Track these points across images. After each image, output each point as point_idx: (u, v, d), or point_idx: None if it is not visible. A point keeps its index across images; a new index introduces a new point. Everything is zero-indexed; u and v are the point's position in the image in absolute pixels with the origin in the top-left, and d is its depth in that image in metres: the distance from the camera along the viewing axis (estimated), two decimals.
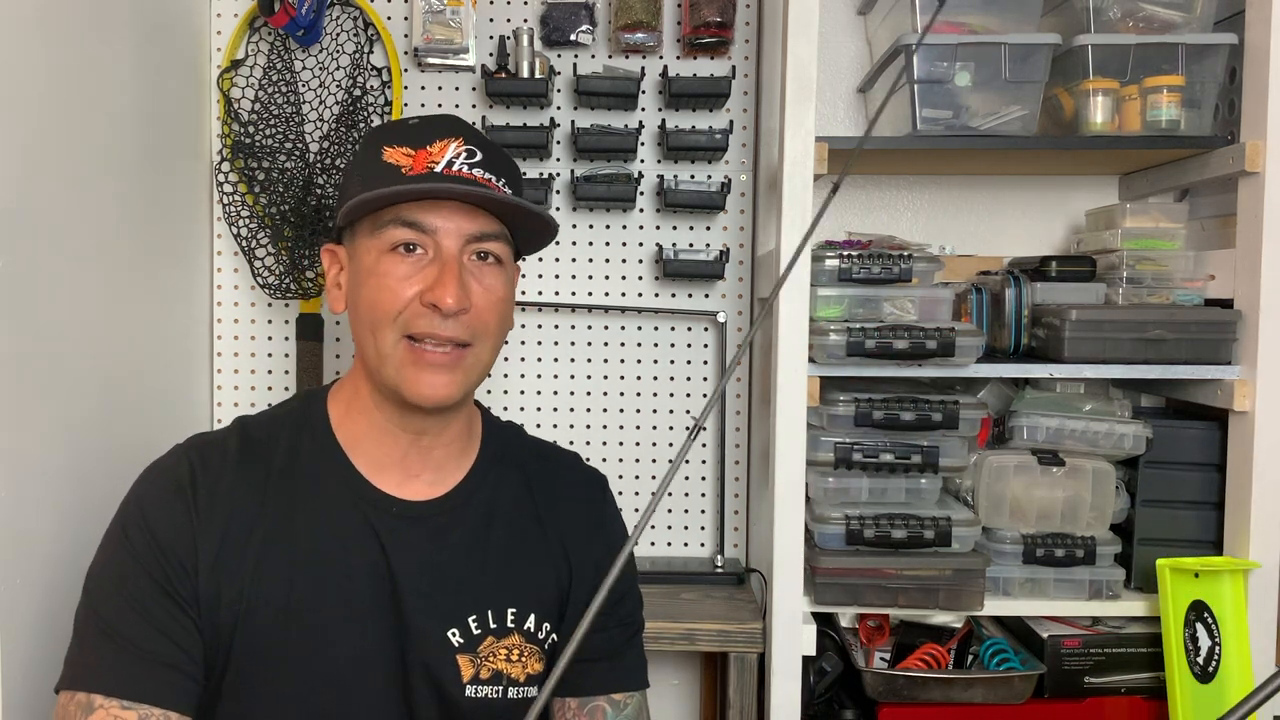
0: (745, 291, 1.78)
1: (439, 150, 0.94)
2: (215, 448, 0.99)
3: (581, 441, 1.79)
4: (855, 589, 1.44)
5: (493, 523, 1.03)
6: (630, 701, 1.08)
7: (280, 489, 0.97)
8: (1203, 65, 1.45)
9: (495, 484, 1.06)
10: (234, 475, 0.96)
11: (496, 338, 0.99)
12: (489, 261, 0.97)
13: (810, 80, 1.39)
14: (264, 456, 0.98)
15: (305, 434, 1.01)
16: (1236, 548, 1.41)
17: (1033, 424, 1.48)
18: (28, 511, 1.13)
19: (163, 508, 0.94)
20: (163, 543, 0.92)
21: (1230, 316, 1.41)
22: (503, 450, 1.09)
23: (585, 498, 1.12)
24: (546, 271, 1.77)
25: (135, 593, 0.91)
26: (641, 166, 1.76)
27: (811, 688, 1.49)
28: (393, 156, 0.95)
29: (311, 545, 0.96)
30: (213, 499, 0.95)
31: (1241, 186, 1.41)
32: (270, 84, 1.72)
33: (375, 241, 0.94)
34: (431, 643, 0.98)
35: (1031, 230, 1.79)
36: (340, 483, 0.99)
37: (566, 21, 1.71)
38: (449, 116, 1.01)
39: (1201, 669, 1.38)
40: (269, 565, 0.94)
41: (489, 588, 1.01)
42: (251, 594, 0.93)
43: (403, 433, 0.99)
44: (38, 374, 1.16)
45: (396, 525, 0.98)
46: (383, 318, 0.93)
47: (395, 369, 0.94)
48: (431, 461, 1.02)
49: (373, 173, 0.95)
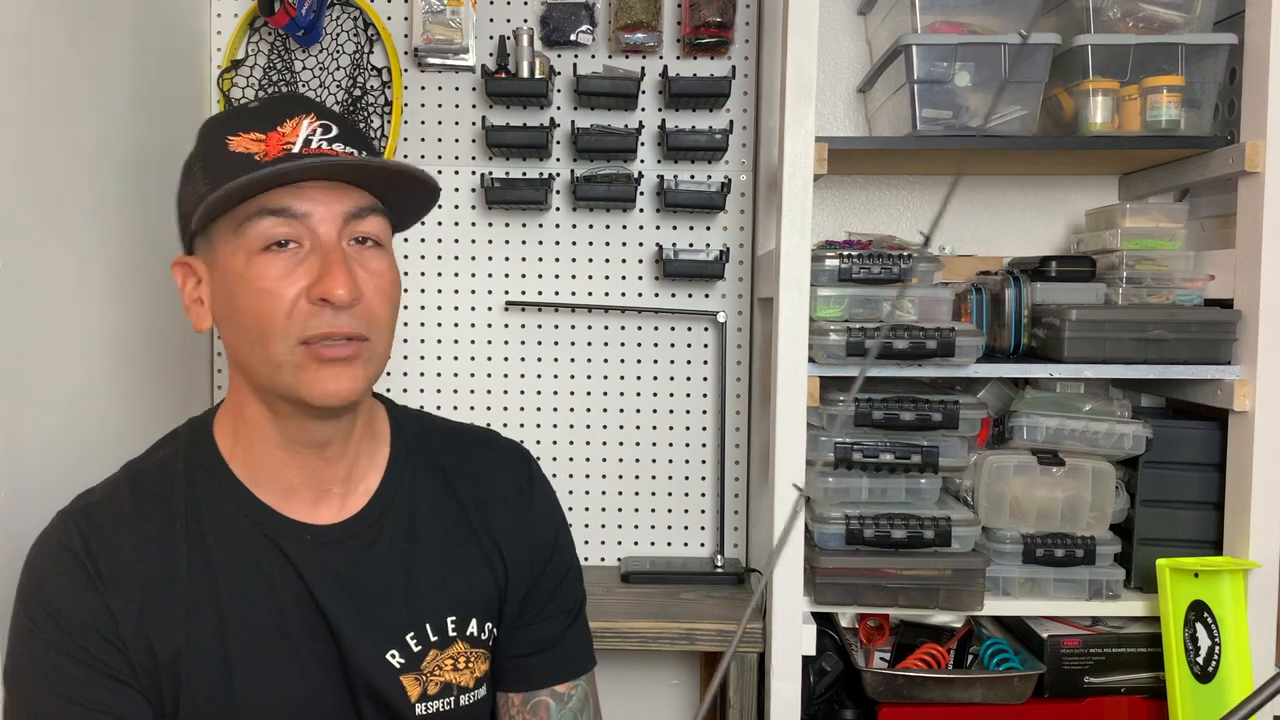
0: (745, 291, 1.78)
1: (291, 130, 0.85)
2: (105, 508, 0.90)
3: (581, 441, 1.79)
4: (855, 589, 1.44)
5: (416, 530, 0.97)
6: (575, 691, 1.05)
7: (191, 537, 0.90)
8: (1203, 65, 1.45)
9: (412, 486, 0.98)
10: (135, 534, 0.89)
11: (390, 326, 0.90)
12: (369, 245, 0.88)
13: (810, 80, 1.39)
14: (164, 507, 0.91)
15: (200, 474, 0.93)
16: (1236, 548, 1.41)
17: (1033, 424, 1.48)
18: (27, 512, 1.13)
19: (66, 588, 0.86)
20: (78, 624, 0.85)
21: (1230, 316, 1.41)
22: (414, 445, 1.01)
23: (510, 480, 1.04)
24: (546, 272, 1.77)
25: (67, 685, 0.85)
26: (641, 166, 1.76)
27: (811, 688, 1.49)
28: (241, 145, 0.85)
29: (235, 590, 0.90)
30: (117, 563, 0.87)
31: (1241, 186, 1.41)
32: (270, 84, 1.72)
33: (241, 242, 0.84)
34: (373, 668, 0.93)
35: (1031, 230, 1.79)
36: (249, 520, 0.92)
37: (566, 21, 1.71)
38: (293, 94, 0.92)
39: (1201, 669, 1.38)
40: (197, 619, 0.88)
41: (423, 601, 0.96)
42: (187, 651, 0.88)
43: (305, 449, 0.91)
44: (37, 374, 1.16)
45: (315, 554, 0.92)
46: (269, 325, 0.83)
47: (293, 374, 0.84)
48: (340, 472, 0.94)
49: (221, 166, 0.84)
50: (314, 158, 0.84)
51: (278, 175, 0.82)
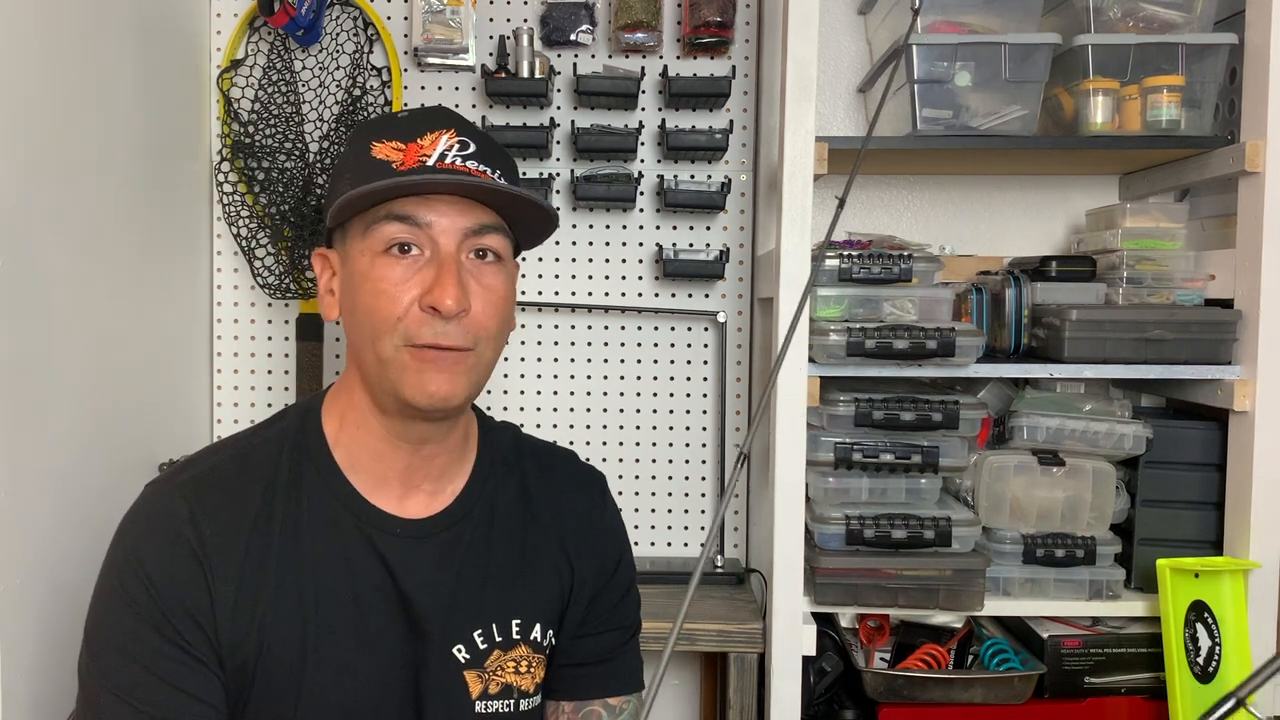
0: (745, 291, 1.78)
1: (430, 143, 0.90)
2: (211, 481, 0.93)
3: (581, 441, 1.79)
4: (855, 589, 1.44)
5: (492, 534, 1.01)
6: (626, 706, 1.07)
7: (287, 518, 0.93)
8: (1203, 65, 1.45)
9: (494, 493, 1.02)
10: (239, 508, 0.91)
11: (499, 340, 0.95)
12: (488, 260, 0.92)
13: (810, 80, 1.39)
14: (267, 486, 0.93)
15: (304, 456, 0.96)
16: (1236, 548, 1.41)
17: (1033, 424, 1.48)
18: (28, 512, 1.13)
19: (167, 561, 0.88)
20: (171, 599, 0.87)
21: (1230, 316, 1.41)
22: (499, 454, 1.05)
23: (584, 499, 1.09)
24: (546, 271, 1.77)
25: (147, 654, 0.86)
26: (641, 166, 1.76)
27: (811, 688, 1.49)
28: (382, 152, 0.90)
29: (321, 574, 0.93)
30: (219, 538, 0.89)
31: (1241, 186, 1.41)
32: (270, 84, 1.72)
33: (368, 243, 0.89)
34: (442, 662, 0.96)
35: (1031, 230, 1.79)
36: (342, 506, 0.95)
37: (566, 21, 1.71)
38: (440, 108, 0.97)
39: (1201, 669, 1.38)
40: (283, 600, 0.91)
41: (493, 601, 0.99)
42: (270, 631, 0.90)
43: (404, 443, 0.95)
44: (38, 374, 1.16)
45: (400, 546, 0.95)
46: (382, 325, 0.88)
47: (398, 373, 0.89)
48: (433, 471, 0.98)
49: (362, 169, 0.90)
50: (446, 173, 0.89)
51: (407, 185, 0.87)
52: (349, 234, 0.92)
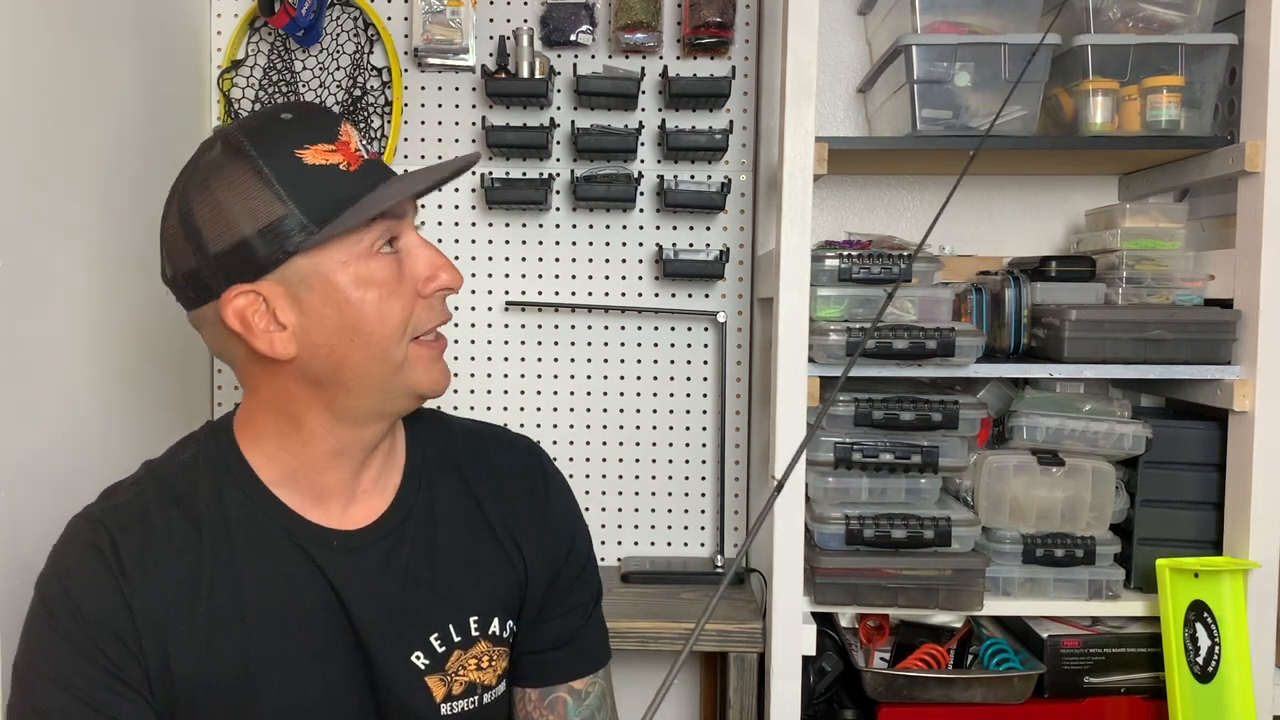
0: (745, 291, 1.78)
1: (348, 138, 0.87)
2: (131, 508, 0.90)
3: (582, 441, 1.79)
4: (855, 589, 1.44)
5: (436, 532, 0.97)
6: (593, 688, 1.05)
7: (217, 541, 0.89)
8: (1202, 65, 1.45)
9: (430, 487, 0.99)
10: (162, 536, 0.88)
11: None
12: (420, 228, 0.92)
13: (810, 80, 1.39)
14: (189, 510, 0.90)
15: (225, 478, 0.92)
16: (1236, 548, 1.41)
17: (1033, 424, 1.48)
18: (26, 512, 1.13)
19: (89, 584, 0.85)
20: (96, 623, 0.84)
21: (1230, 316, 1.41)
22: (429, 445, 1.01)
23: (524, 477, 1.04)
24: (546, 271, 1.77)
25: (80, 683, 0.84)
26: (641, 166, 1.76)
27: (811, 688, 1.49)
28: (318, 157, 0.84)
29: (260, 596, 0.90)
30: (143, 567, 0.87)
31: (1241, 186, 1.41)
32: (270, 84, 1.72)
33: (353, 250, 0.84)
34: (398, 671, 0.93)
35: (1031, 230, 1.79)
36: (276, 525, 0.91)
37: (566, 21, 1.71)
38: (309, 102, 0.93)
39: (1201, 669, 1.38)
40: (220, 627, 0.88)
41: (446, 602, 0.96)
42: (208, 662, 0.87)
43: (358, 453, 0.92)
44: (37, 374, 1.16)
45: (341, 559, 0.92)
46: (394, 330, 0.86)
47: (411, 370, 0.88)
48: (374, 472, 0.96)
49: (304, 181, 0.82)
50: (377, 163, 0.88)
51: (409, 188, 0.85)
52: (312, 252, 0.84)
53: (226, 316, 0.85)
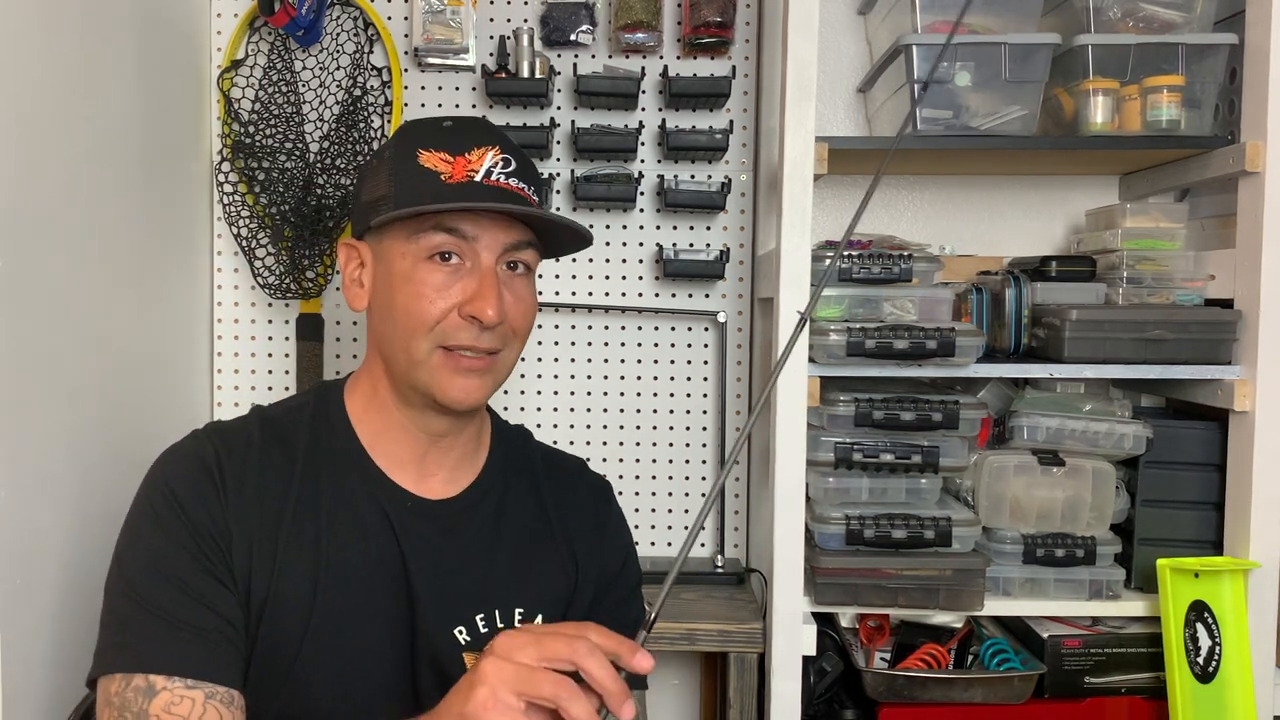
0: (745, 291, 1.78)
1: (477, 159, 0.95)
2: (237, 434, 0.99)
3: (582, 441, 1.79)
4: (855, 589, 1.44)
5: (503, 523, 1.05)
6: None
7: (305, 476, 0.98)
8: (1203, 65, 1.45)
9: (505, 485, 1.07)
10: (260, 462, 0.97)
11: (522, 343, 1.02)
12: (519, 271, 0.98)
13: (810, 80, 1.39)
14: (288, 447, 0.99)
15: (324, 426, 1.01)
16: (1236, 548, 1.41)
17: (1033, 424, 1.48)
18: (29, 513, 1.13)
19: (193, 488, 0.93)
20: (196, 521, 0.92)
21: (1230, 316, 1.41)
22: (511, 453, 1.10)
23: (591, 503, 1.13)
24: (547, 271, 1.77)
25: (177, 570, 0.90)
26: (641, 166, 1.76)
27: (811, 688, 1.49)
28: (430, 162, 0.95)
29: (334, 535, 0.96)
30: (241, 485, 0.95)
31: (1241, 186, 1.41)
32: (270, 84, 1.72)
33: (411, 246, 0.94)
34: (439, 639, 0.98)
35: (1031, 230, 1.79)
36: (359, 474, 1.00)
37: (566, 21, 1.71)
38: (481, 121, 1.02)
39: (1201, 669, 1.38)
40: (295, 554, 0.94)
41: (497, 587, 1.02)
42: (277, 584, 0.93)
43: (423, 434, 1.00)
44: (38, 374, 1.16)
45: (411, 519, 0.99)
46: (419, 326, 0.94)
47: (429, 373, 0.95)
48: (448, 461, 1.03)
49: (409, 176, 0.94)
50: (492, 190, 0.94)
51: (465, 207, 0.92)
52: (388, 233, 0.96)
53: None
